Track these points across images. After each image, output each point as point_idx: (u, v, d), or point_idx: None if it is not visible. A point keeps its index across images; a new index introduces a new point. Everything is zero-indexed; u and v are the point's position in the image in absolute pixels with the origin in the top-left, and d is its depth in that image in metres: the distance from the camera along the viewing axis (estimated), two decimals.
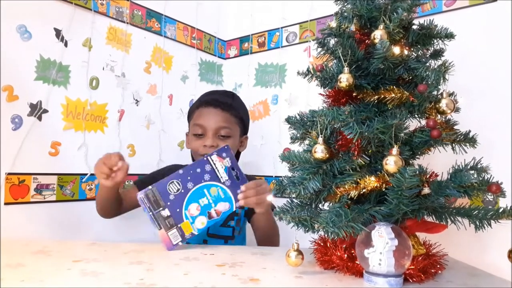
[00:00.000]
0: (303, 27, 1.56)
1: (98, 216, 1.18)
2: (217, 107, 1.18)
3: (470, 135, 0.73)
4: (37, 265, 0.71)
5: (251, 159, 1.66)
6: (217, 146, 1.14)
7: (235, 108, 1.22)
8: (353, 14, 0.73)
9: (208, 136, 1.16)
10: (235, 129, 1.21)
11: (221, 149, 0.92)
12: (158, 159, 1.50)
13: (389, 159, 0.61)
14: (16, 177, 1.11)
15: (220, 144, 1.15)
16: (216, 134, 1.17)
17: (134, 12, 1.44)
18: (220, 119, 1.17)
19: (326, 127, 0.68)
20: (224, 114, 1.18)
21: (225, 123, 1.17)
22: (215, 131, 1.16)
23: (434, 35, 0.75)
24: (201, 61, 1.73)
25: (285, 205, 0.75)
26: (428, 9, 1.24)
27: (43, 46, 1.17)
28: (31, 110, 1.15)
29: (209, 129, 1.16)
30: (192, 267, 0.73)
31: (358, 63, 0.72)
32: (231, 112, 1.20)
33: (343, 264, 0.71)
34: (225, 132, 1.17)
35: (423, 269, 0.67)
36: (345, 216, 0.63)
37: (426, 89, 0.65)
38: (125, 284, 0.61)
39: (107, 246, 0.90)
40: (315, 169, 0.69)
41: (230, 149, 0.93)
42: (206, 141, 1.15)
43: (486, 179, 0.67)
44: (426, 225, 0.71)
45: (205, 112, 1.19)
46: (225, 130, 1.17)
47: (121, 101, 1.39)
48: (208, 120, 1.17)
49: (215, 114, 1.17)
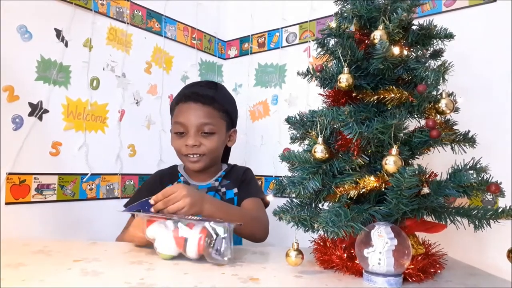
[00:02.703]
0: (303, 27, 1.56)
1: (98, 216, 1.18)
2: (197, 102, 1.07)
3: (469, 135, 0.73)
4: (37, 265, 0.71)
5: (251, 159, 1.66)
6: (200, 145, 1.07)
7: (218, 101, 1.10)
8: (353, 15, 0.73)
9: (189, 135, 1.06)
10: (219, 124, 1.10)
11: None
12: (159, 159, 1.50)
13: (388, 159, 0.61)
14: (17, 177, 1.12)
15: (203, 142, 1.07)
16: (199, 132, 1.07)
17: (135, 12, 1.44)
18: (202, 114, 1.06)
19: (326, 127, 0.68)
20: (205, 109, 1.07)
21: (208, 118, 1.07)
22: (197, 128, 1.06)
23: (433, 35, 0.75)
24: (201, 62, 1.73)
25: (285, 204, 0.76)
26: (427, 10, 1.24)
27: (44, 47, 1.18)
28: (32, 110, 1.15)
29: (190, 126, 1.06)
30: (192, 267, 0.73)
31: (357, 64, 0.72)
32: (213, 106, 1.08)
33: (343, 263, 0.71)
34: (208, 129, 1.07)
35: (422, 268, 0.67)
36: (344, 215, 0.63)
37: (425, 89, 0.65)
38: (125, 283, 0.61)
39: (107, 246, 0.90)
40: (315, 169, 0.69)
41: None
42: (188, 140, 1.06)
43: (485, 179, 0.67)
44: (426, 225, 0.72)
45: (185, 108, 1.08)
46: (208, 127, 1.07)
47: (122, 101, 1.40)
48: (189, 117, 1.06)
49: (196, 109, 1.07)
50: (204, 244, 0.73)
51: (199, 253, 0.74)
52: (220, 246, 0.73)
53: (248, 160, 1.67)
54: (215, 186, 1.13)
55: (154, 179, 1.20)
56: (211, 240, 0.73)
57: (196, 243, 0.74)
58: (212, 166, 1.14)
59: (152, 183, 1.17)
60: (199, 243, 0.74)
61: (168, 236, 0.77)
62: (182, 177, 1.15)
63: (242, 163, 1.64)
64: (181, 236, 0.76)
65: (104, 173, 1.33)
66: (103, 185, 1.33)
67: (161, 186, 1.13)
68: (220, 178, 1.15)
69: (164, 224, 0.79)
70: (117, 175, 1.37)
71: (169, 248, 0.77)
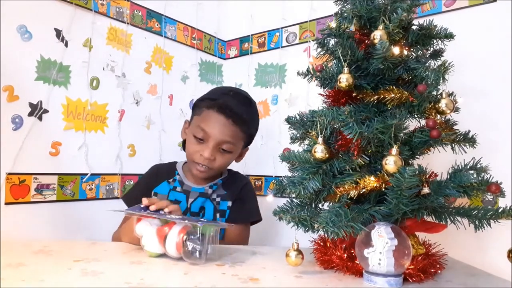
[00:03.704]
0: (303, 27, 1.56)
1: (98, 216, 1.18)
2: (229, 118, 1.04)
3: (469, 135, 0.73)
4: (37, 265, 0.71)
5: (251, 159, 1.66)
6: (214, 160, 1.06)
7: (247, 124, 1.08)
8: (353, 15, 0.73)
9: (208, 146, 1.04)
10: (238, 145, 1.10)
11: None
12: (159, 159, 1.50)
13: (388, 159, 0.61)
14: (17, 177, 1.12)
15: (218, 158, 1.06)
16: (217, 146, 1.05)
17: (135, 12, 1.44)
18: (228, 132, 1.05)
19: (326, 127, 0.68)
20: (233, 128, 1.05)
21: (231, 138, 1.05)
22: (218, 143, 1.05)
23: (433, 35, 0.75)
24: (201, 61, 1.73)
25: (285, 205, 0.76)
26: (427, 9, 1.24)
27: (44, 46, 1.18)
28: (32, 110, 1.15)
29: (212, 138, 1.04)
30: (192, 267, 0.73)
31: (357, 63, 0.72)
32: (241, 128, 1.07)
33: (343, 263, 0.71)
34: (227, 147, 1.06)
35: (422, 268, 0.67)
36: (344, 216, 0.63)
37: (425, 89, 0.65)
38: (125, 283, 0.61)
39: (107, 246, 0.90)
40: (315, 169, 0.69)
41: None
42: (205, 151, 1.04)
43: (485, 179, 0.67)
44: (426, 225, 0.72)
45: (214, 118, 1.05)
46: (228, 145, 1.06)
47: (122, 101, 1.40)
48: (214, 129, 1.04)
49: (224, 125, 1.04)
50: (181, 242, 0.74)
51: (178, 251, 0.75)
52: (198, 246, 0.74)
53: (248, 160, 1.66)
54: (208, 193, 1.12)
55: (151, 171, 1.20)
56: (189, 238, 0.74)
57: (174, 241, 0.75)
58: (212, 177, 1.14)
59: (149, 176, 1.18)
60: (177, 241, 0.75)
61: (152, 233, 0.78)
62: (178, 176, 1.15)
63: (242, 163, 1.64)
64: (162, 233, 0.77)
65: (104, 173, 1.33)
66: (103, 185, 1.33)
67: (157, 180, 1.13)
68: (215, 186, 1.13)
69: (150, 222, 0.81)
70: (117, 175, 1.37)
71: (154, 245, 0.78)
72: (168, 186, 1.12)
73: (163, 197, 1.10)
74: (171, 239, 0.76)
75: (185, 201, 1.10)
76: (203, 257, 0.74)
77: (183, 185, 1.13)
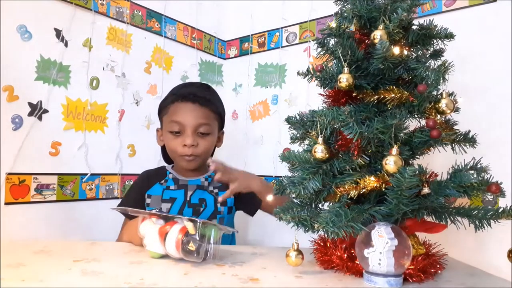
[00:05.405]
0: (303, 27, 1.56)
1: (98, 216, 1.18)
2: (195, 102, 1.08)
3: (469, 135, 0.73)
4: (37, 265, 0.71)
5: (251, 159, 1.66)
6: (197, 145, 1.08)
7: (214, 103, 1.13)
8: (353, 15, 0.73)
9: (187, 134, 1.07)
10: (214, 125, 1.13)
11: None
12: (158, 159, 1.49)
13: (389, 159, 0.61)
14: (17, 177, 1.11)
15: (200, 142, 1.08)
16: (196, 132, 1.08)
17: (134, 12, 1.44)
18: (200, 115, 1.08)
19: (326, 127, 0.68)
20: (203, 110, 1.09)
21: (205, 119, 1.09)
22: (194, 128, 1.07)
23: (433, 35, 0.75)
24: (201, 61, 1.73)
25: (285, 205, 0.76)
26: (427, 9, 1.24)
27: (44, 46, 1.18)
28: (32, 110, 1.15)
29: (188, 126, 1.07)
30: (192, 267, 0.73)
31: (358, 63, 0.72)
32: (210, 107, 1.11)
33: (343, 264, 0.71)
34: (205, 129, 1.09)
35: (422, 268, 0.67)
36: (345, 216, 0.63)
37: (425, 89, 0.65)
38: (125, 283, 0.61)
39: (107, 246, 0.90)
40: (315, 169, 0.69)
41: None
42: (186, 140, 1.06)
43: (485, 179, 0.67)
44: (426, 225, 0.72)
45: (182, 107, 1.08)
46: (205, 127, 1.09)
47: (122, 101, 1.40)
48: (186, 116, 1.07)
49: (194, 110, 1.08)
50: (181, 240, 0.74)
51: (177, 249, 0.75)
52: (196, 243, 0.74)
53: (248, 160, 1.67)
54: (205, 185, 1.14)
55: (142, 177, 1.20)
56: (188, 238, 0.74)
57: (174, 238, 0.75)
58: (202, 165, 1.15)
59: (141, 181, 1.18)
60: (176, 239, 0.75)
61: (154, 232, 0.78)
62: (171, 175, 1.16)
63: (242, 163, 1.64)
64: (163, 232, 0.77)
65: (103, 173, 1.33)
66: (103, 185, 1.33)
67: (149, 183, 1.14)
68: (210, 179, 1.15)
69: (153, 221, 0.81)
70: (117, 175, 1.37)
71: (155, 245, 0.78)
72: (161, 187, 1.13)
73: (157, 198, 1.11)
74: (171, 237, 0.76)
75: (183, 195, 1.11)
76: (201, 255, 0.74)
77: (178, 182, 1.14)
